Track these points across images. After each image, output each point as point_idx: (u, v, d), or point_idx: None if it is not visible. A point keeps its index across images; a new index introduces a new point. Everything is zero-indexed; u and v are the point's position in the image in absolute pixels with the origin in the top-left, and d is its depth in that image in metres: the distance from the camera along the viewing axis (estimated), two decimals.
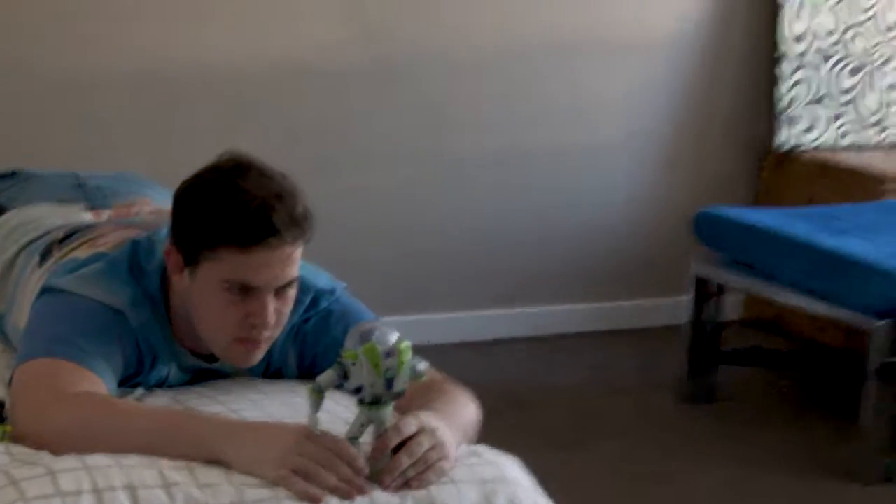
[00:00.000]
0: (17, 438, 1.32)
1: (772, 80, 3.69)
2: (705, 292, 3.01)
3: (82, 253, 1.63)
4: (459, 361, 2.43)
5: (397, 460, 1.13)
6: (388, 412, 1.22)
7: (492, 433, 1.46)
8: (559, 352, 3.36)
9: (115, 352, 1.50)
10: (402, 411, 1.28)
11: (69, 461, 1.16)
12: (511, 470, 1.35)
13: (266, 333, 1.43)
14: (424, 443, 1.15)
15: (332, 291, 1.61)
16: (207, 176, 1.44)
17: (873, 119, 3.79)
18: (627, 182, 3.63)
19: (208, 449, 1.21)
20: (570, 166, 3.53)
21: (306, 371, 1.59)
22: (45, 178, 2.12)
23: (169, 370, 1.58)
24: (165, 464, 1.17)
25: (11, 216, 1.93)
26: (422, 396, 1.31)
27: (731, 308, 3.37)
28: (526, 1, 3.43)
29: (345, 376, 1.23)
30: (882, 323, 2.67)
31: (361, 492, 1.17)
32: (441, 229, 3.47)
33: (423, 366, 1.26)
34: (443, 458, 1.19)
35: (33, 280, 1.72)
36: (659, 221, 3.61)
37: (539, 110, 3.47)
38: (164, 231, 1.55)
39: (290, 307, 1.49)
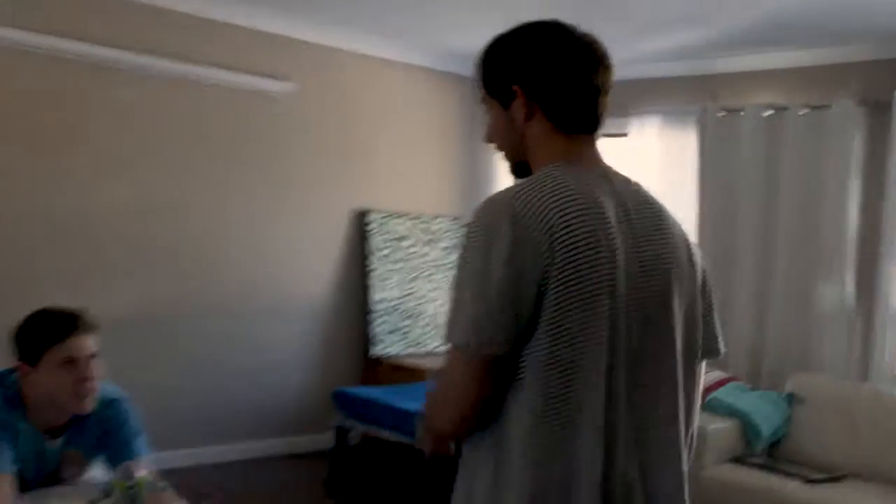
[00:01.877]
0: None
1: (366, 322, 5.50)
2: (341, 431, 4.62)
3: None
4: None
5: None
6: None
7: None
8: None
9: (5, 442, 2.15)
10: None
11: None
12: None
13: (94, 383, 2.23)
14: None
15: (123, 398, 2.37)
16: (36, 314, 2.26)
17: (419, 341, 5.57)
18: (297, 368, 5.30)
19: None
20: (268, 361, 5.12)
21: (97, 442, 2.32)
22: None
23: (26, 446, 2.22)
24: None
25: None
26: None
27: (352, 439, 4.82)
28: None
29: (108, 496, 1.98)
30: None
31: None
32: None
33: (162, 484, 2.02)
34: None
35: None
36: (311, 394, 5.31)
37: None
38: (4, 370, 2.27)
39: (100, 375, 2.25)
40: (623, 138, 5.50)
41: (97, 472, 2.42)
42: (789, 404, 4.37)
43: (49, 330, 2.24)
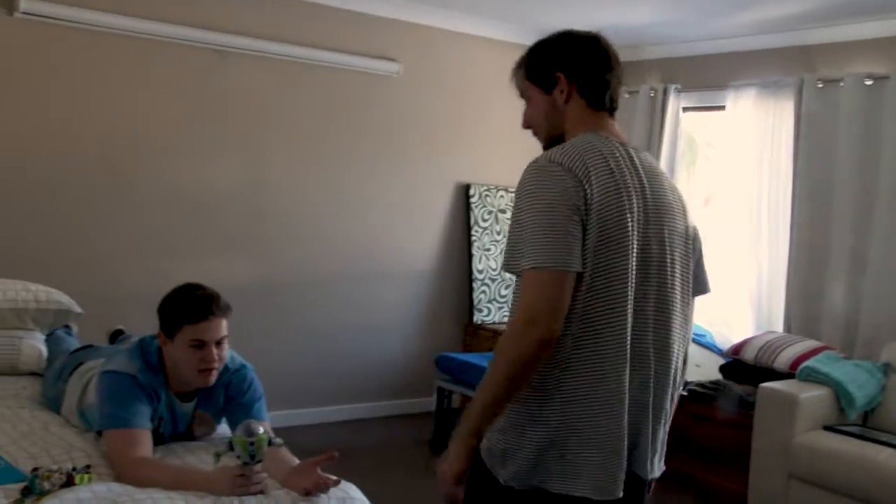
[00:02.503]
0: (119, 481, 2.15)
1: (470, 290, 5.78)
2: (443, 393, 4.97)
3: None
4: None
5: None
6: (257, 468, 2.15)
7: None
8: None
9: (141, 401, 2.34)
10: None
11: (154, 492, 2.06)
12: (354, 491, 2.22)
13: (216, 364, 2.39)
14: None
15: (247, 367, 2.56)
16: (180, 291, 2.45)
17: None
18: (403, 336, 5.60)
19: (214, 490, 2.14)
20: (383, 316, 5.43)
21: (224, 406, 2.54)
22: (101, 348, 3.00)
23: (163, 407, 2.43)
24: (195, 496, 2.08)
25: (85, 364, 2.79)
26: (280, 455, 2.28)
27: (455, 402, 5.11)
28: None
29: (231, 449, 2.14)
30: None
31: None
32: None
33: (278, 440, 2.19)
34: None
35: (72, 382, 2.67)
36: (415, 359, 5.60)
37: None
38: (152, 335, 2.48)
39: (226, 355, 2.42)
40: (720, 111, 5.53)
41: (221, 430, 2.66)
42: (885, 374, 4.38)
43: (187, 310, 2.40)
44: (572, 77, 1.82)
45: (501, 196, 5.97)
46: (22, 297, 3.22)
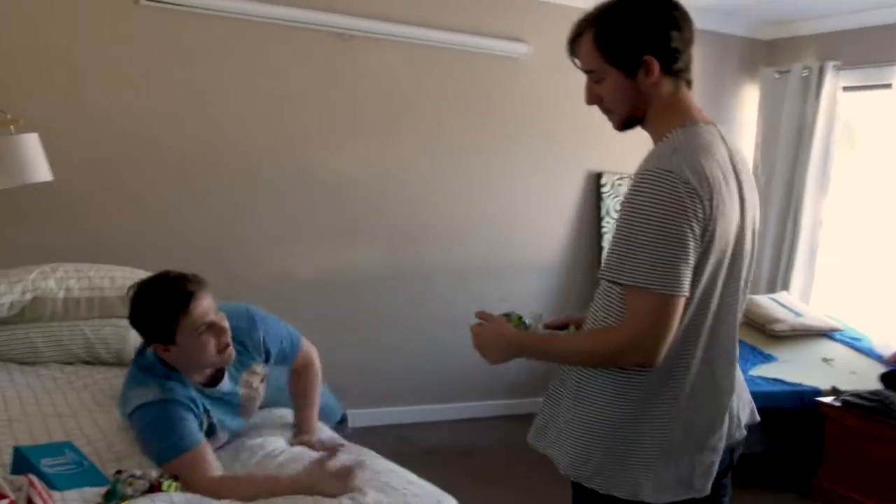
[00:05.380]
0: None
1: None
2: None
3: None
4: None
5: None
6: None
7: None
8: None
9: (182, 418, 2.19)
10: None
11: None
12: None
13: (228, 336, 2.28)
14: None
15: (242, 309, 2.48)
16: (144, 297, 2.25)
17: None
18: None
19: (308, 489, 2.06)
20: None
21: (251, 353, 2.45)
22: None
23: (205, 404, 2.32)
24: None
25: None
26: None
27: None
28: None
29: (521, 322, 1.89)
30: None
31: None
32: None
33: (528, 319, 1.89)
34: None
35: None
36: None
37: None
38: (138, 349, 2.37)
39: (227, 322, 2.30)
40: (886, 90, 5.00)
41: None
42: None
43: (171, 305, 2.21)
44: (661, 57, 1.70)
45: None
46: (130, 285, 3.16)
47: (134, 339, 3.19)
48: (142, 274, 3.01)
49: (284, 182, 4.66)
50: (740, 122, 5.87)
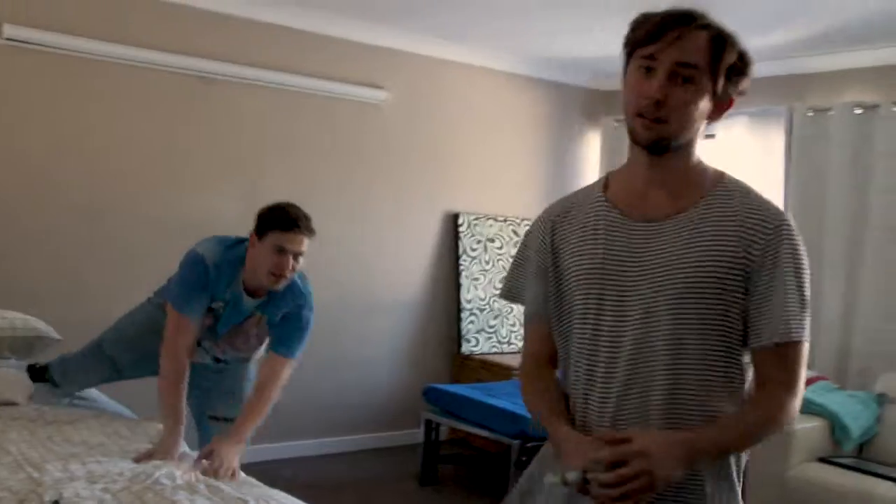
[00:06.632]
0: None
1: (458, 320, 5.71)
2: (431, 425, 4.75)
3: None
4: None
5: None
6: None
7: None
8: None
9: (202, 291, 2.73)
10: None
11: None
12: None
13: (287, 273, 2.72)
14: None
15: (307, 304, 2.89)
16: (282, 204, 2.79)
17: (506, 339, 5.80)
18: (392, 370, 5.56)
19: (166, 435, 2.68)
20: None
21: (279, 322, 2.86)
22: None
23: (228, 296, 2.79)
24: None
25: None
26: None
27: (442, 434, 4.99)
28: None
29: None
30: (516, 442, 4.09)
31: None
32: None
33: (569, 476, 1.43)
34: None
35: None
36: (403, 391, 5.52)
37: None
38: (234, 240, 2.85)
39: (298, 269, 2.76)
40: (710, 139, 5.50)
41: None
42: (879, 404, 4.33)
43: (279, 219, 2.71)
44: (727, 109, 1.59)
45: (490, 225, 5.91)
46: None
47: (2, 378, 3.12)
48: (7, 314, 3.04)
49: (140, 224, 4.58)
50: (583, 165, 6.24)
